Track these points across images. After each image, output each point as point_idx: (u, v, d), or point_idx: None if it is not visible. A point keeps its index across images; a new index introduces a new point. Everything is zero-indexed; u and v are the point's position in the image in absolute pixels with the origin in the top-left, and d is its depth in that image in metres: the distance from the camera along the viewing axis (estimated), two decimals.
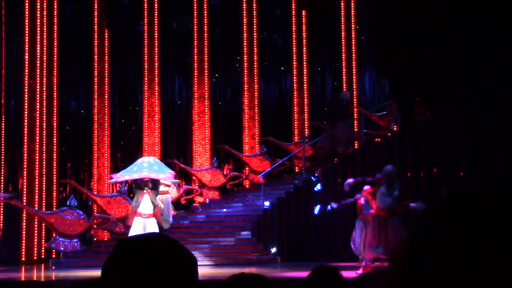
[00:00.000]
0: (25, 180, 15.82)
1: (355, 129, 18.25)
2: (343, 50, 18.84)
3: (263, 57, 18.29)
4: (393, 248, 13.92)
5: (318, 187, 15.62)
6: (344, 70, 18.83)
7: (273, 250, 15.27)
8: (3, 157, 15.93)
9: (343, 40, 18.87)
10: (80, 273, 12.45)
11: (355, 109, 18.65)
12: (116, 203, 15.60)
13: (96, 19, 17.05)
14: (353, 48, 18.85)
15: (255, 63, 18.20)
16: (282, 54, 18.60)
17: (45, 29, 16.40)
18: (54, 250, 15.06)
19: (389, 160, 16.72)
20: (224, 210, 16.65)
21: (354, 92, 18.85)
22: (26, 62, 16.16)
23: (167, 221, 13.86)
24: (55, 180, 16.17)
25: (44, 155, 16.08)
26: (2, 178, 15.89)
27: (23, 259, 15.42)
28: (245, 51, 18.14)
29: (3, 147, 15.95)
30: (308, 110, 18.53)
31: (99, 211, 15.70)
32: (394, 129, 18.23)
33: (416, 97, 17.79)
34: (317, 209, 15.58)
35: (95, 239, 15.66)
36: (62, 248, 14.72)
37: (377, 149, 17.29)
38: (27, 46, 16.20)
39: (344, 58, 18.83)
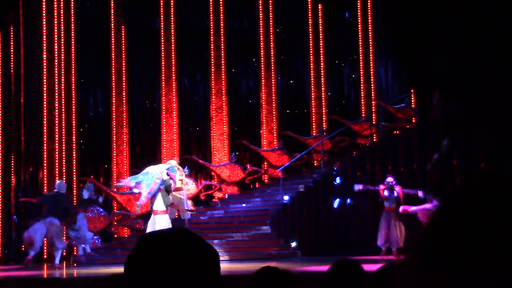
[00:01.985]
0: (45, 179, 15.93)
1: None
2: (360, 43, 18.77)
3: (280, 51, 18.26)
4: (409, 240, 13.90)
5: (337, 180, 15.59)
6: (361, 62, 18.76)
7: (293, 244, 15.26)
8: (23, 156, 16.04)
9: (360, 33, 18.79)
10: (101, 270, 12.52)
11: (373, 102, 18.58)
12: (136, 200, 15.66)
13: (113, 17, 17.10)
14: (370, 40, 18.78)
15: (272, 58, 18.17)
16: (299, 48, 18.56)
17: (62, 28, 16.48)
18: (75, 247, 15.16)
19: (408, 153, 16.67)
20: (244, 205, 16.66)
21: (372, 85, 18.78)
22: (44, 61, 16.25)
23: (184, 214, 13.97)
24: (75, 178, 16.26)
25: (63, 153, 16.18)
26: (22, 176, 16.00)
27: (45, 256, 15.52)
28: (261, 46, 18.12)
29: (23, 146, 16.06)
30: (326, 104, 18.48)
31: (119, 208, 15.78)
32: (413, 121, 18.15)
33: (434, 89, 17.69)
34: (336, 202, 15.55)
35: (115, 236, 15.74)
36: (83, 245, 14.81)
37: (396, 142, 17.23)
38: (45, 45, 16.29)
39: (362, 51, 18.76)
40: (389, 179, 14.95)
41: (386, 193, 14.70)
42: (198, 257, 1.69)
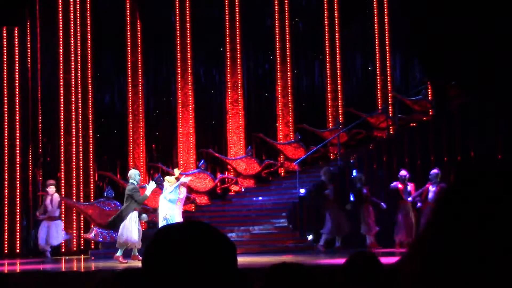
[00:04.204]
0: (62, 173, 16.02)
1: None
2: (376, 35, 18.69)
3: (295, 44, 18.22)
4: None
5: (354, 173, 15.56)
6: (377, 54, 18.68)
7: (310, 237, 15.26)
8: (40, 151, 16.13)
9: (376, 25, 18.71)
10: (120, 264, 12.58)
11: (389, 94, 18.51)
12: (152, 193, 15.71)
13: (128, 11, 17.13)
14: (386, 32, 18.69)
15: (288, 51, 18.14)
16: (315, 40, 18.51)
17: (78, 22, 16.54)
18: (93, 241, 15.24)
19: (425, 145, 16.60)
20: (260, 198, 16.67)
21: (388, 77, 18.69)
22: (61, 56, 16.31)
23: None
24: (92, 172, 16.34)
25: (80, 147, 16.25)
26: (41, 171, 16.10)
27: (63, 250, 15.63)
28: (277, 39, 18.09)
29: (40, 140, 16.15)
30: (341, 96, 18.43)
31: None
32: (430, 113, 18.07)
33: (451, 81, 17.59)
34: (352, 196, 15.51)
35: None
36: (101, 239, 14.89)
37: (412, 134, 17.16)
38: (61, 40, 16.35)
39: (378, 43, 18.68)
40: (403, 172, 14.95)
41: (400, 186, 14.78)
42: (216, 249, 1.69)
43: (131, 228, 12.44)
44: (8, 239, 15.43)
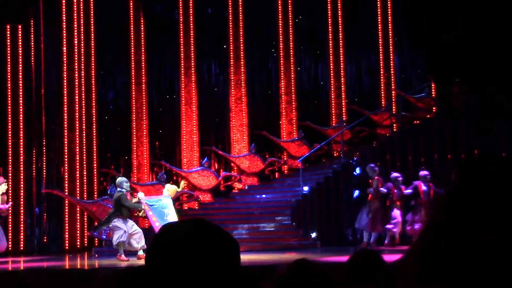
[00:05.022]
0: (66, 170, 16.04)
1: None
2: (379, 32, 18.66)
3: (299, 42, 18.20)
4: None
5: (357, 171, 15.55)
6: (381, 52, 18.65)
7: (313, 235, 15.25)
8: (44, 148, 16.15)
9: (379, 23, 18.69)
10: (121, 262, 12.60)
11: (393, 92, 18.49)
12: (156, 191, 15.73)
13: (132, 9, 17.13)
14: (389, 29, 18.66)
15: (291, 48, 18.12)
16: (318, 38, 18.50)
17: (82, 20, 16.54)
18: (96, 239, 15.26)
19: (429, 142, 16.58)
20: (263, 196, 16.68)
21: (392, 74, 18.67)
22: (64, 54, 16.33)
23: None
24: (95, 170, 16.36)
25: (84, 145, 16.27)
26: (44, 168, 16.12)
27: (67, 247, 15.66)
28: (280, 36, 18.07)
29: (44, 138, 16.17)
30: (345, 94, 18.42)
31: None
32: (433, 111, 18.04)
33: (454, 78, 17.57)
34: (356, 193, 15.50)
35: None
36: (104, 237, 14.88)
37: (416, 132, 17.14)
38: (64, 38, 16.36)
39: (381, 40, 18.65)
40: (395, 174, 14.87)
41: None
42: (219, 247, 1.70)
43: (122, 231, 12.46)
44: (12, 237, 15.45)
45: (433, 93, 18.37)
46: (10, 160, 15.91)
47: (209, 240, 1.68)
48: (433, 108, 18.13)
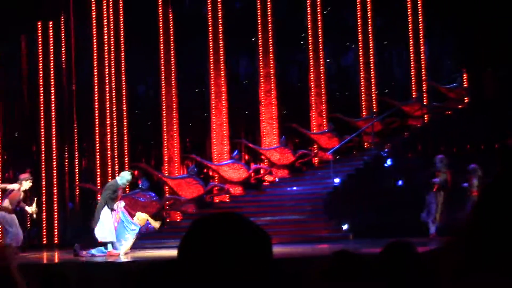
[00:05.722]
0: (98, 164, 16.17)
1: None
2: (410, 22, 18.49)
3: (328, 33, 18.11)
4: (458, 225, 13.61)
5: (388, 162, 15.45)
6: (411, 42, 18.49)
7: (345, 226, 15.20)
8: (76, 143, 16.31)
9: (409, 12, 18.52)
10: (155, 253, 12.68)
11: (424, 82, 18.32)
12: (187, 184, 15.81)
13: (160, 3, 17.18)
14: (420, 19, 18.48)
15: (320, 40, 18.04)
16: (347, 29, 18.39)
17: (111, 15, 16.63)
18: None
19: (461, 133, 16.41)
20: (294, 188, 16.66)
21: (422, 65, 18.50)
22: (95, 49, 16.44)
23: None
24: (127, 163, 16.47)
25: (115, 139, 16.39)
26: (76, 162, 16.28)
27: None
28: (309, 28, 18.00)
29: (76, 132, 16.32)
30: (375, 85, 18.30)
31: (170, 193, 15.94)
32: (465, 101, 17.86)
33: (487, 68, 17.36)
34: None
35: (167, 220, 15.91)
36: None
37: (447, 122, 16.98)
38: (95, 33, 16.47)
39: (411, 30, 18.49)
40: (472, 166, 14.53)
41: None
42: (251, 240, 1.69)
43: (105, 225, 12.45)
44: (46, 231, 15.64)
45: (465, 83, 18.17)
46: (43, 156, 16.09)
47: (241, 234, 1.68)
48: (465, 98, 17.93)
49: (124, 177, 12.79)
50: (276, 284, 1.79)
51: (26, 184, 12.53)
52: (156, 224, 13.07)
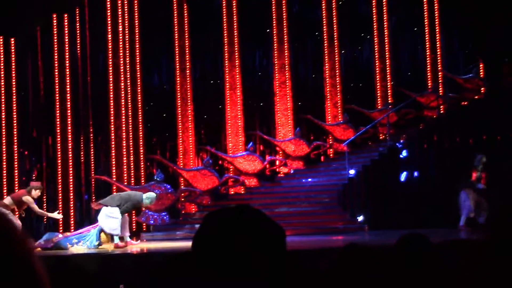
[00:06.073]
0: (113, 156, 16.23)
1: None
2: (425, 12, 18.38)
3: (342, 24, 18.04)
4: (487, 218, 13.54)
5: (404, 153, 15.39)
6: (427, 32, 18.38)
7: (360, 218, 15.18)
8: (91, 135, 16.37)
9: (425, 2, 18.40)
10: (171, 245, 12.74)
11: (440, 73, 18.22)
12: (202, 176, 15.84)
13: None
14: (435, 8, 18.36)
15: (335, 31, 17.98)
16: (362, 19, 18.30)
17: (126, 7, 16.66)
18: (144, 224, 15.45)
19: (477, 124, 16.30)
20: (309, 179, 16.64)
21: (438, 55, 18.39)
22: (109, 41, 16.48)
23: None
24: (142, 156, 16.52)
25: (130, 131, 16.44)
26: (92, 155, 16.34)
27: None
28: (324, 19, 17.94)
29: (91, 125, 16.38)
30: (391, 76, 18.22)
31: (185, 185, 15.98)
32: (482, 91, 17.73)
33: (504, 58, 17.22)
34: (403, 176, 15.37)
35: (183, 212, 15.97)
36: (152, 222, 15.10)
37: (464, 113, 16.88)
38: (109, 25, 16.51)
39: (427, 21, 18.37)
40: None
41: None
42: (264, 233, 1.69)
43: (114, 219, 12.60)
44: (63, 222, 15.72)
45: (481, 73, 18.04)
46: (59, 147, 16.17)
47: (254, 226, 1.67)
48: (482, 89, 17.81)
49: (150, 198, 13.02)
50: (290, 276, 1.79)
51: (35, 193, 12.64)
52: (111, 246, 12.93)
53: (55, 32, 16.45)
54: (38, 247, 12.20)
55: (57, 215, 13.17)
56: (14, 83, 16.20)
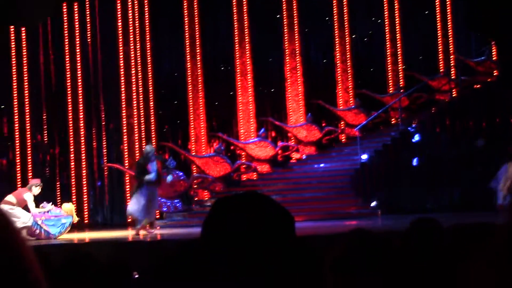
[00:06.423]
0: (125, 145, 16.28)
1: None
2: None
3: (353, 9, 17.95)
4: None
5: (416, 137, 15.34)
6: (438, 15, 18.25)
7: (373, 203, 15.16)
8: (103, 123, 16.42)
9: None
10: (184, 231, 12.78)
11: (452, 56, 18.10)
12: (214, 162, 15.86)
13: None
14: None
15: (345, 15, 17.89)
16: (373, 3, 18.20)
17: None
18: (157, 211, 15.49)
19: (490, 107, 16.19)
20: (322, 165, 16.62)
21: (450, 38, 18.27)
22: (120, 29, 16.49)
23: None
24: (154, 143, 16.55)
25: (142, 119, 16.47)
26: (104, 142, 16.40)
27: (129, 220, 15.94)
28: (334, 3, 17.85)
29: (103, 113, 16.42)
30: (402, 60, 18.13)
31: (198, 172, 16.02)
32: (494, 74, 17.62)
33: None
34: (415, 160, 15.32)
35: (195, 198, 16.01)
36: (165, 209, 15.14)
37: (476, 96, 16.79)
38: (119, 13, 16.51)
39: (438, 3, 18.25)
40: None
41: None
42: (273, 219, 1.69)
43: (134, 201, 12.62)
44: (76, 211, 15.81)
45: (494, 56, 17.92)
46: (71, 135, 16.24)
47: (263, 213, 1.67)
48: (494, 71, 17.69)
49: (148, 151, 12.91)
50: (300, 262, 1.79)
51: (36, 190, 12.67)
52: (75, 218, 13.09)
53: (66, 21, 16.47)
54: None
55: (50, 207, 13.13)
56: (25, 72, 16.26)
